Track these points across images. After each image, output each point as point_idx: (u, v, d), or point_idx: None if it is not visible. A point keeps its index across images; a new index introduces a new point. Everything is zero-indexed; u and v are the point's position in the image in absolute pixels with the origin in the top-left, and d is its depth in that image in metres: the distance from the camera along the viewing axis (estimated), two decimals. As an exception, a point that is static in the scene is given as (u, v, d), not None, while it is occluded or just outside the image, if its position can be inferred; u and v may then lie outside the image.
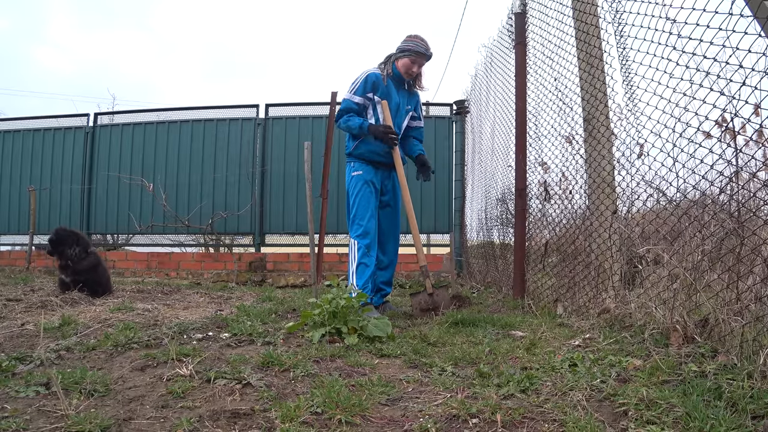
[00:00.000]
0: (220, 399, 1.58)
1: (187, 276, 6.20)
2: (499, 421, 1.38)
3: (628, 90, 2.46)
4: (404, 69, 3.38)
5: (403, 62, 3.37)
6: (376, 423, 1.43)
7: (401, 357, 2.14)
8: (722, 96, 1.73)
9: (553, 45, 3.21)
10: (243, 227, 6.37)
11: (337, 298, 2.51)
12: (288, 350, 2.20)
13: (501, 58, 4.41)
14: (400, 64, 3.39)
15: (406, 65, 3.37)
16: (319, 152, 5.28)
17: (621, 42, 2.48)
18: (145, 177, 6.33)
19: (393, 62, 3.42)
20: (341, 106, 3.40)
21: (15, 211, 6.81)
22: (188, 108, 6.66)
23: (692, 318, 1.95)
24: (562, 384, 1.65)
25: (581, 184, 3.00)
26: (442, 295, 3.26)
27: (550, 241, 3.39)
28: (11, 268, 6.48)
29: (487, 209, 5.17)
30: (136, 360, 2.00)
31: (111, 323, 2.75)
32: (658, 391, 1.49)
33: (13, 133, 6.94)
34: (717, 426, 1.24)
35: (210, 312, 3.25)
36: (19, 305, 3.31)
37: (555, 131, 3.23)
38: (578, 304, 2.84)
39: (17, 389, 1.61)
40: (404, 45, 3.38)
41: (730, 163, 1.86)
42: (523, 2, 3.70)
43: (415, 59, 3.36)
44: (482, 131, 5.41)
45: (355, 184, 3.40)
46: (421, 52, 3.35)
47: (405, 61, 3.37)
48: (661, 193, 2.39)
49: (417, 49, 3.34)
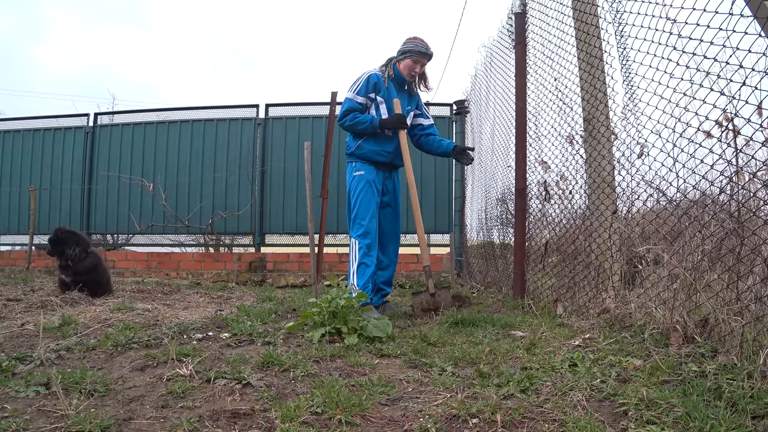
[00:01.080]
0: (220, 399, 1.58)
1: (187, 276, 6.20)
2: (499, 421, 1.38)
3: (628, 90, 2.46)
4: (406, 70, 3.40)
5: (405, 63, 3.40)
6: (376, 423, 1.43)
7: (401, 357, 2.14)
8: (722, 96, 1.73)
9: (553, 45, 3.21)
10: (243, 227, 6.37)
11: (337, 298, 2.51)
12: (288, 350, 2.20)
13: (501, 58, 4.41)
14: (401, 65, 3.42)
15: (408, 66, 3.39)
16: (319, 152, 5.28)
17: (621, 42, 2.48)
18: (145, 177, 6.33)
19: (394, 64, 3.45)
20: (344, 106, 3.40)
21: (15, 211, 6.81)
22: (188, 108, 6.66)
23: (692, 318, 1.95)
24: (562, 384, 1.65)
25: (581, 184, 3.00)
26: (443, 296, 3.26)
27: (550, 241, 3.39)
28: (11, 268, 6.48)
29: (487, 209, 5.17)
30: (136, 360, 2.00)
31: (111, 323, 2.75)
32: (658, 391, 1.49)
33: (13, 133, 6.94)
34: (717, 426, 1.24)
35: (210, 312, 3.24)
36: (19, 305, 3.31)
37: (555, 131, 3.23)
38: (578, 304, 2.84)
39: (17, 389, 1.61)
40: (405, 47, 3.41)
41: (730, 163, 1.86)
42: (523, 2, 3.70)
43: (417, 59, 3.38)
44: (482, 131, 5.41)
45: (356, 184, 3.40)
46: (422, 51, 3.37)
47: (407, 62, 3.39)
48: (661, 193, 2.39)
49: (418, 49, 3.37)
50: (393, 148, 3.44)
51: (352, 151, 3.47)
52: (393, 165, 3.53)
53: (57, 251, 3.84)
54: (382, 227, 3.52)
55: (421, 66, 3.43)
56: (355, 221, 3.37)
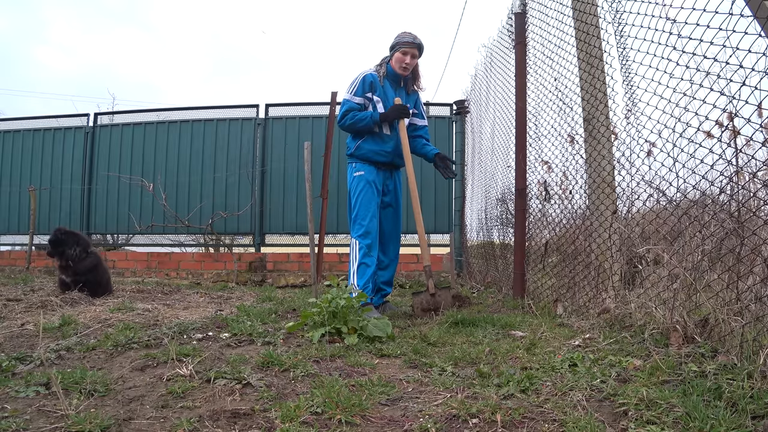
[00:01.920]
0: (220, 399, 1.58)
1: (187, 276, 6.20)
2: (499, 421, 1.38)
3: (628, 90, 2.46)
4: (398, 64, 3.41)
5: (396, 57, 3.41)
6: (376, 423, 1.43)
7: (401, 357, 2.14)
8: (722, 96, 1.73)
9: (553, 45, 3.21)
10: (243, 227, 6.37)
11: (337, 298, 2.51)
12: (288, 350, 2.20)
13: (501, 58, 4.41)
14: (393, 61, 3.43)
15: (398, 59, 3.40)
16: (319, 152, 5.28)
17: (621, 42, 2.48)
18: (145, 177, 6.33)
19: (387, 62, 3.48)
20: (343, 108, 3.40)
21: (15, 211, 6.81)
22: (188, 108, 6.66)
23: (692, 318, 1.95)
24: (562, 384, 1.65)
25: (581, 184, 3.00)
26: (444, 296, 3.27)
27: (550, 241, 3.39)
28: (11, 268, 6.48)
29: (487, 209, 5.17)
30: (136, 360, 2.00)
31: (111, 323, 2.75)
32: (658, 391, 1.49)
33: (13, 133, 6.94)
34: (717, 426, 1.24)
35: (210, 312, 3.24)
36: (19, 305, 3.31)
37: (555, 131, 3.23)
38: (578, 304, 2.84)
39: (17, 389, 1.61)
40: (393, 42, 3.44)
41: (730, 163, 1.86)
42: (523, 2, 3.70)
43: (405, 50, 3.38)
44: (482, 131, 5.41)
45: (356, 184, 3.41)
46: (408, 41, 3.37)
47: (397, 56, 3.40)
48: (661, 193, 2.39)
49: (405, 40, 3.37)
50: (392, 147, 3.44)
51: (352, 151, 3.48)
52: (394, 165, 3.52)
53: (57, 252, 3.84)
54: (383, 227, 3.52)
55: (411, 57, 3.40)
56: (355, 221, 3.37)
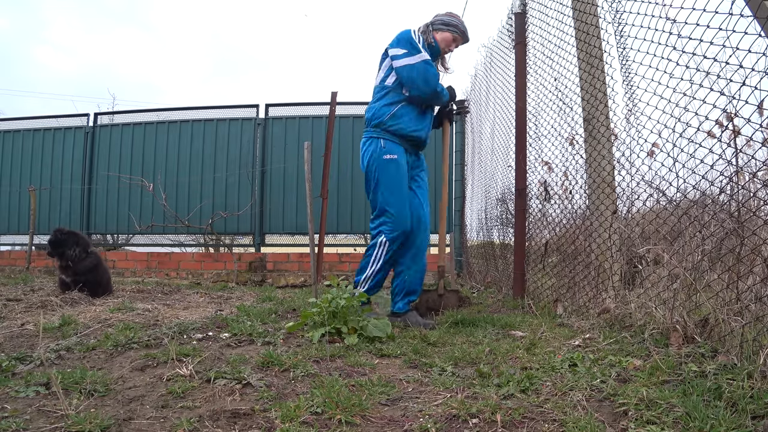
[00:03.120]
0: (220, 399, 1.58)
1: (187, 276, 6.20)
2: (499, 421, 1.38)
3: (628, 90, 2.46)
4: (444, 43, 3.01)
5: (444, 36, 3.00)
6: (376, 423, 1.43)
7: (401, 357, 2.14)
8: (722, 96, 1.73)
9: (553, 45, 3.22)
10: (243, 227, 6.38)
11: (337, 298, 2.51)
12: (288, 350, 2.20)
13: (501, 58, 4.41)
14: (440, 36, 2.99)
15: (447, 40, 3.01)
16: (319, 152, 5.28)
17: (621, 42, 2.49)
18: (145, 177, 6.33)
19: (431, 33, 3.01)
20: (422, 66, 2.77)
21: (15, 211, 6.81)
22: (188, 108, 6.67)
23: (692, 318, 1.95)
24: (562, 384, 1.65)
25: (581, 183, 3.00)
26: (450, 298, 3.28)
27: (550, 241, 3.39)
28: (11, 268, 6.48)
29: (487, 209, 5.17)
30: (136, 360, 2.00)
31: (111, 323, 2.75)
32: (658, 391, 1.49)
33: (13, 133, 6.94)
34: (717, 426, 1.24)
35: (210, 312, 3.24)
36: (19, 305, 3.31)
37: (555, 131, 3.23)
38: (578, 304, 2.84)
39: (17, 389, 1.61)
40: (449, 19, 3.01)
41: (730, 163, 1.86)
42: (523, 2, 3.70)
43: (457, 38, 3.04)
44: (482, 131, 5.41)
45: (384, 167, 2.81)
46: (465, 34, 3.07)
47: (446, 35, 3.00)
48: (661, 193, 2.39)
49: (463, 29, 3.04)
50: (429, 127, 3.02)
51: (384, 120, 2.82)
52: (424, 143, 3.03)
53: (57, 252, 3.84)
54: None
55: (456, 46, 3.09)
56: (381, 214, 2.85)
